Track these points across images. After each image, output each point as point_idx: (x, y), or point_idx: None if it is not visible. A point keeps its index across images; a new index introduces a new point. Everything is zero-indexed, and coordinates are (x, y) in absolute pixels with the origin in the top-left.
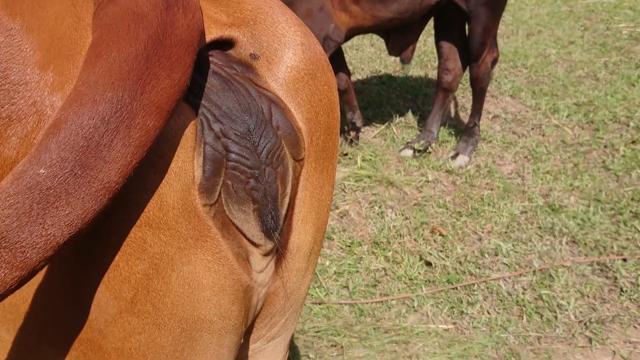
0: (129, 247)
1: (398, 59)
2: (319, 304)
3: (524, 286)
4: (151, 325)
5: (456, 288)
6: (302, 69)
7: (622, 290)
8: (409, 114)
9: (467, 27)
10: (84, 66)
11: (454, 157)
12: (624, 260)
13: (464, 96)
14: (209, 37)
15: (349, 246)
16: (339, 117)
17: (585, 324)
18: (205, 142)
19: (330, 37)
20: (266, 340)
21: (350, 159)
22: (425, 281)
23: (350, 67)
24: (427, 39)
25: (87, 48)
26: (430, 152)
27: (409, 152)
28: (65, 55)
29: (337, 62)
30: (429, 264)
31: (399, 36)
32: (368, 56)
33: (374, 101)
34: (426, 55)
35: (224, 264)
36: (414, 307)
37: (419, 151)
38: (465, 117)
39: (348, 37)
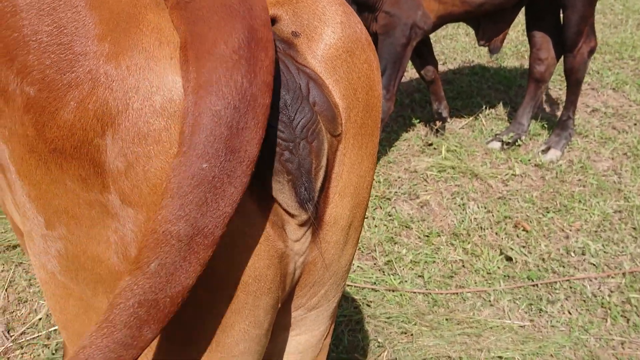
0: None
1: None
2: (392, 291)
3: (611, 288)
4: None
5: (537, 285)
6: (341, 46)
7: None
8: (500, 106)
9: (561, 15)
10: (196, 62)
11: (545, 151)
12: None
13: (560, 88)
14: None
15: (427, 236)
16: (380, 95)
17: None
18: None
19: (417, 24)
20: (307, 309)
21: (434, 149)
22: (504, 276)
23: (442, 57)
24: (525, 28)
25: (149, 27)
26: (519, 145)
27: (496, 145)
28: (122, 28)
29: (425, 53)
30: (509, 259)
31: (490, 24)
32: (462, 46)
33: (464, 92)
34: (523, 45)
35: (259, 229)
36: (489, 301)
37: (508, 144)
38: (560, 109)
39: (437, 26)
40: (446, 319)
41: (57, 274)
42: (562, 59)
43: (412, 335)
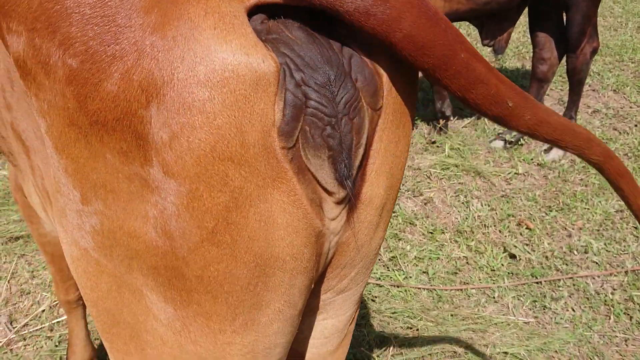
0: (213, 179)
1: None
2: (397, 286)
3: (614, 286)
4: (229, 256)
5: (540, 282)
6: None
7: None
8: None
9: (565, 15)
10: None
11: (547, 151)
12: None
13: (562, 89)
14: None
15: (431, 233)
16: (418, 75)
17: None
18: (286, 88)
19: None
20: (336, 292)
21: (438, 147)
22: (508, 273)
23: None
24: (526, 29)
25: None
26: (522, 144)
27: (499, 143)
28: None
29: None
30: (513, 256)
31: (494, 24)
32: None
33: None
34: (525, 46)
35: (298, 206)
36: (494, 297)
37: (510, 142)
38: (561, 110)
39: None
40: (451, 315)
41: (90, 251)
42: (564, 59)
43: (417, 330)
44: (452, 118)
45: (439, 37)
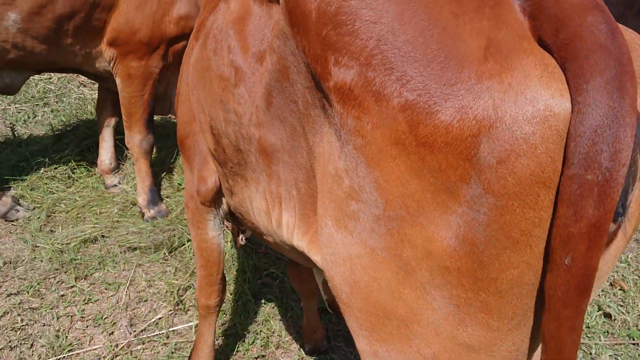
0: (527, 198)
1: None
2: None
3: None
4: (524, 264)
5: (638, 344)
6: None
7: None
8: None
9: None
10: (578, 91)
11: None
12: None
13: None
14: None
15: None
16: None
17: None
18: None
19: None
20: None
21: None
22: (604, 332)
23: None
24: None
25: None
26: None
27: None
28: (503, 53)
29: None
30: (608, 315)
31: None
32: None
33: None
34: None
35: None
36: (591, 354)
37: None
38: None
39: None
40: None
41: (378, 250)
42: None
43: None
44: None
45: None
